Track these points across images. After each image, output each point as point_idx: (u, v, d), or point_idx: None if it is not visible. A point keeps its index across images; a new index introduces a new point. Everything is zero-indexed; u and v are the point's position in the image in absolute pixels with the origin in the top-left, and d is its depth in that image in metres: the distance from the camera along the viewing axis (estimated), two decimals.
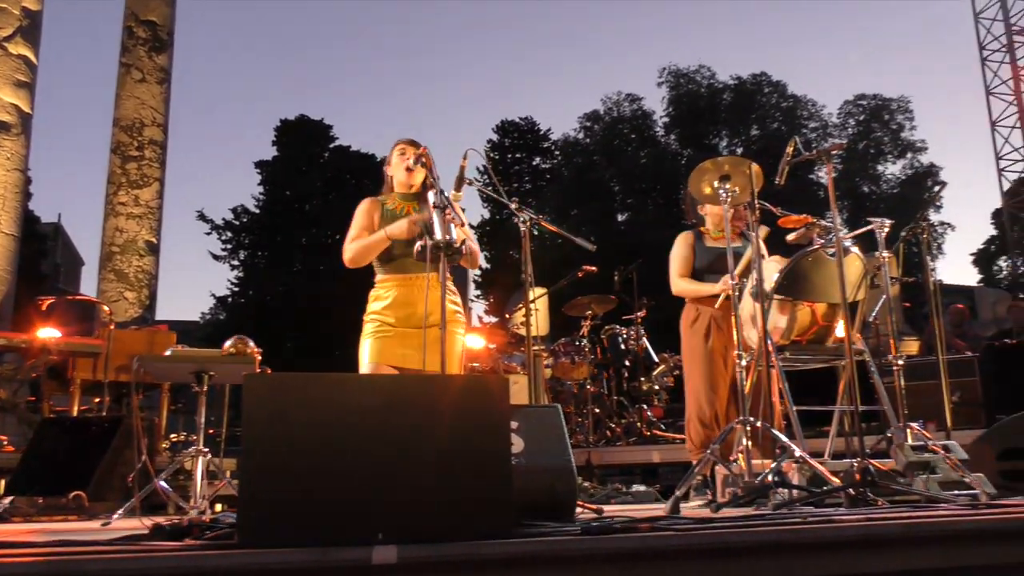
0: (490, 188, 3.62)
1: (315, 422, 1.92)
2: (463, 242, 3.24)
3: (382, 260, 3.63)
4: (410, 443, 1.95)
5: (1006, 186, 16.08)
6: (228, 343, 3.84)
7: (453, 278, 3.57)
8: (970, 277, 33.04)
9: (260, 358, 3.89)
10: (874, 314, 4.19)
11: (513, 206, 3.52)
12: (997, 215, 29.79)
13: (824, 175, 29.80)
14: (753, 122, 30.81)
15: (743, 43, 56.58)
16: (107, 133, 10.08)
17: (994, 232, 31.82)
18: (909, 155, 30.72)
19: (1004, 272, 31.69)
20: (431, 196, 3.19)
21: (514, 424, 2.42)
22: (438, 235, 3.07)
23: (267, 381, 1.95)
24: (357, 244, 3.60)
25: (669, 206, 30.39)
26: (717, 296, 4.13)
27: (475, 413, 2.01)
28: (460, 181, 3.44)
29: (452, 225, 3.17)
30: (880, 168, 30.58)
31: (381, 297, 3.60)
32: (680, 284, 4.36)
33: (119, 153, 9.90)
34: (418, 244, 3.22)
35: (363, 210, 3.70)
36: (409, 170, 3.67)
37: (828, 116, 31.07)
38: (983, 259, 32.87)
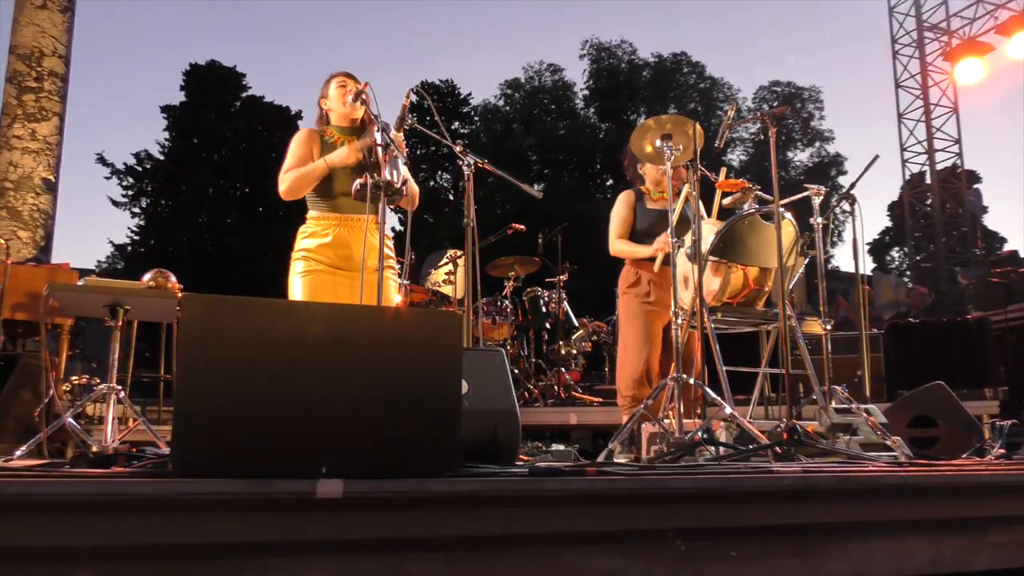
0: (434, 131, 3.52)
1: (257, 349, 1.81)
2: (404, 182, 3.15)
3: (319, 195, 3.50)
4: (358, 375, 1.87)
5: (908, 177, 16.82)
6: (147, 276, 3.62)
7: (380, 228, 3.48)
8: (862, 264, 34.42)
9: (181, 295, 3.69)
10: (791, 286, 4.29)
11: (458, 149, 3.43)
12: (893, 207, 31.18)
13: (733, 158, 30.73)
14: (671, 100, 31.23)
15: (665, 21, 57.13)
16: (2, 61, 9.39)
17: (889, 224, 33.31)
18: (817, 144, 31.83)
19: (896, 262, 33.27)
20: (376, 135, 3.08)
21: None
22: (381, 174, 2.97)
23: (205, 302, 1.82)
24: (295, 174, 3.45)
25: (585, 179, 30.64)
26: (654, 259, 4.13)
27: (427, 348, 1.94)
28: (402, 120, 3.33)
29: (398, 162, 3.08)
30: (789, 155, 31.54)
31: (317, 235, 3.48)
32: (618, 245, 4.32)
33: (15, 83, 9.27)
34: (357, 183, 3.12)
35: (301, 140, 3.55)
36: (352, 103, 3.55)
37: (743, 100, 31.82)
38: (877, 249, 34.36)
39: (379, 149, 3.04)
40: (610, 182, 30.02)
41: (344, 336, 1.88)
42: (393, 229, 24.96)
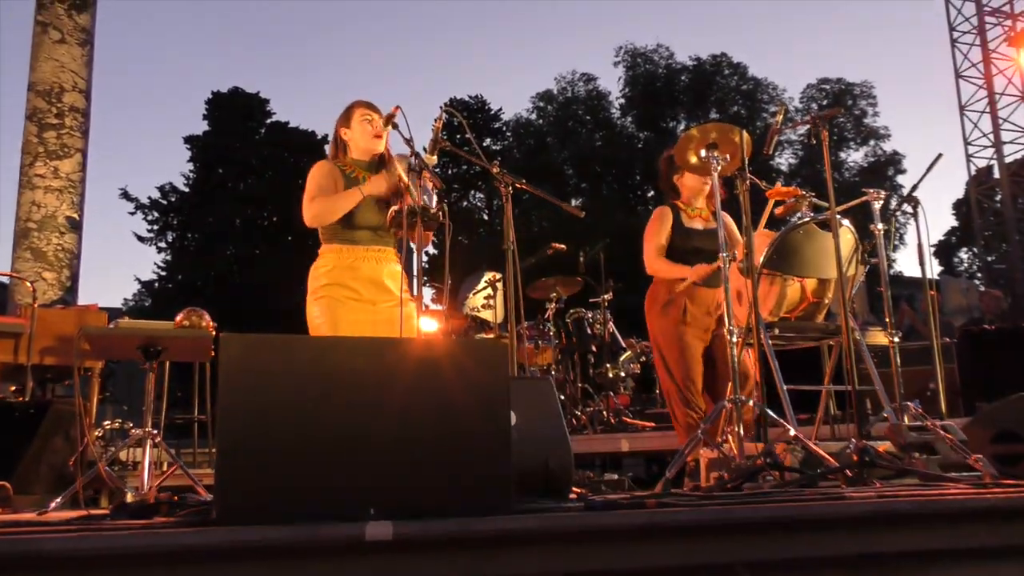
0: (466, 150, 3.56)
1: (299, 388, 1.84)
2: (440, 208, 3.19)
3: (341, 227, 3.52)
4: (404, 412, 1.89)
5: (974, 172, 16.52)
6: (180, 315, 3.70)
7: (401, 259, 3.54)
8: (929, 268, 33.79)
9: (215, 334, 3.76)
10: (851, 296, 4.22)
11: (494, 170, 3.46)
12: (959, 205, 30.64)
13: (782, 162, 30.45)
14: (712, 105, 31.11)
15: (702, 22, 57.06)
16: (21, 99, 9.62)
17: (955, 223, 32.73)
18: (872, 142, 31.41)
19: (965, 264, 32.64)
20: (411, 161, 3.15)
21: None
22: (415, 199, 3.02)
23: (244, 342, 1.85)
24: (324, 201, 3.47)
25: (625, 191, 30.60)
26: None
27: (473, 380, 1.94)
28: (435, 143, 3.37)
29: (429, 189, 3.13)
30: (842, 155, 31.15)
31: (337, 268, 3.50)
32: (656, 264, 4.26)
33: (35, 120, 9.52)
34: (393, 208, 3.17)
35: (325, 172, 3.58)
36: (377, 137, 3.59)
37: (790, 100, 31.54)
38: (943, 250, 33.76)
39: (411, 175, 3.09)
40: (651, 193, 29.94)
41: (388, 371, 1.90)
42: (427, 253, 25.25)
